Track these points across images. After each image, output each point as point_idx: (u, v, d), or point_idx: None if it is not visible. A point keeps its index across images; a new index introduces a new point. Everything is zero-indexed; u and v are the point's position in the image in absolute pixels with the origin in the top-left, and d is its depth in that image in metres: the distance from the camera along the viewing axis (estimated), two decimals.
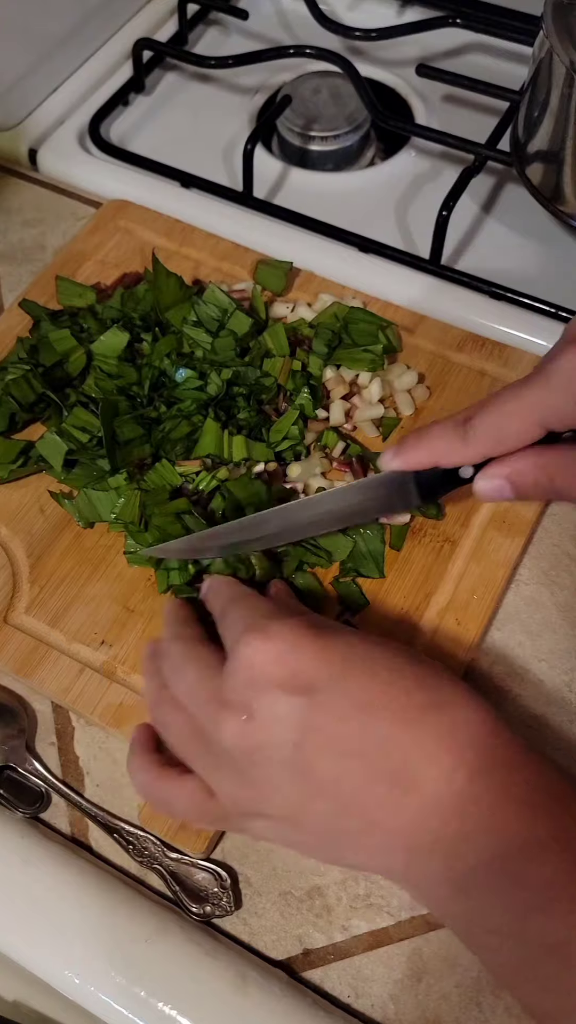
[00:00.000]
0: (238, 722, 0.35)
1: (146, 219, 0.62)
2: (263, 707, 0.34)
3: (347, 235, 0.62)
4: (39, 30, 0.68)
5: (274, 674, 0.34)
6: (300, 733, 0.34)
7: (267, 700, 0.34)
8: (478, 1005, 0.39)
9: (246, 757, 0.35)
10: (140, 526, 0.47)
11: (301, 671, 0.34)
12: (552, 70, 0.53)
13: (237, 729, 0.35)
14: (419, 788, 0.33)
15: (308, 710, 0.34)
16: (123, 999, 0.38)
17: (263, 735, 0.34)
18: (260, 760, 0.35)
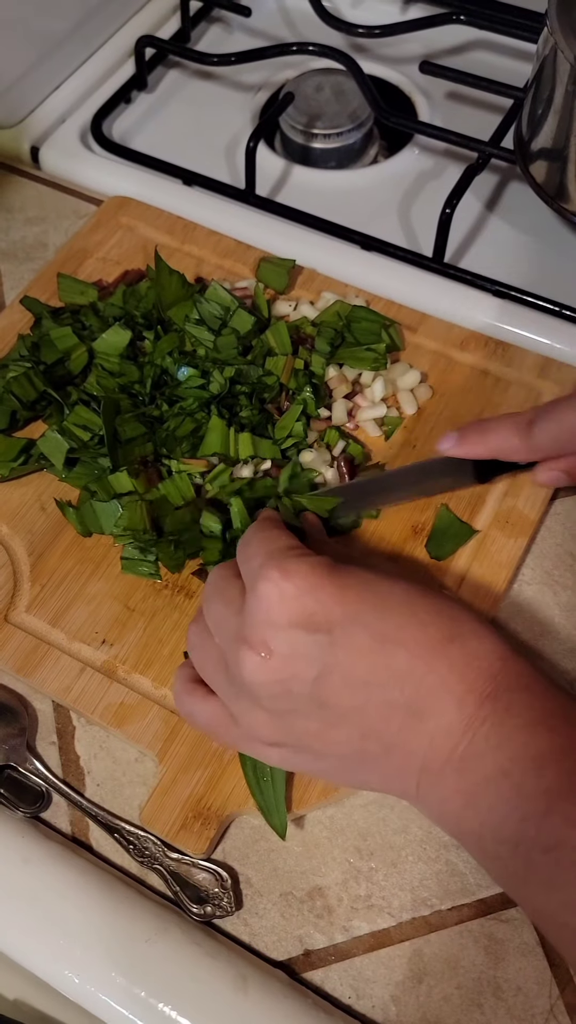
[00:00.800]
0: (258, 659, 0.36)
1: (148, 216, 0.62)
2: (282, 645, 0.36)
3: (350, 233, 0.62)
4: (41, 28, 0.67)
5: (293, 612, 0.36)
6: (319, 669, 0.35)
7: (286, 638, 0.36)
8: (479, 1007, 0.38)
9: (266, 691, 0.36)
10: (152, 534, 0.47)
11: (319, 610, 0.36)
12: (556, 67, 0.53)
13: (257, 665, 0.36)
14: (433, 714, 0.35)
15: (327, 647, 0.35)
16: (123, 999, 0.38)
17: (283, 672, 0.36)
18: (280, 694, 0.36)
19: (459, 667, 0.35)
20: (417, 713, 0.35)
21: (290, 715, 0.36)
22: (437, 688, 0.35)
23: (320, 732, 0.36)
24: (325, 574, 0.36)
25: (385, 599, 0.37)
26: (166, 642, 0.46)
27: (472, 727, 0.34)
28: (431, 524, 0.49)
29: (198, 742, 0.43)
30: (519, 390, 0.54)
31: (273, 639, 0.36)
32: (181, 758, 0.43)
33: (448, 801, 0.35)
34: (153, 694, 0.45)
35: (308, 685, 0.36)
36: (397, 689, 0.35)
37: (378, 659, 0.35)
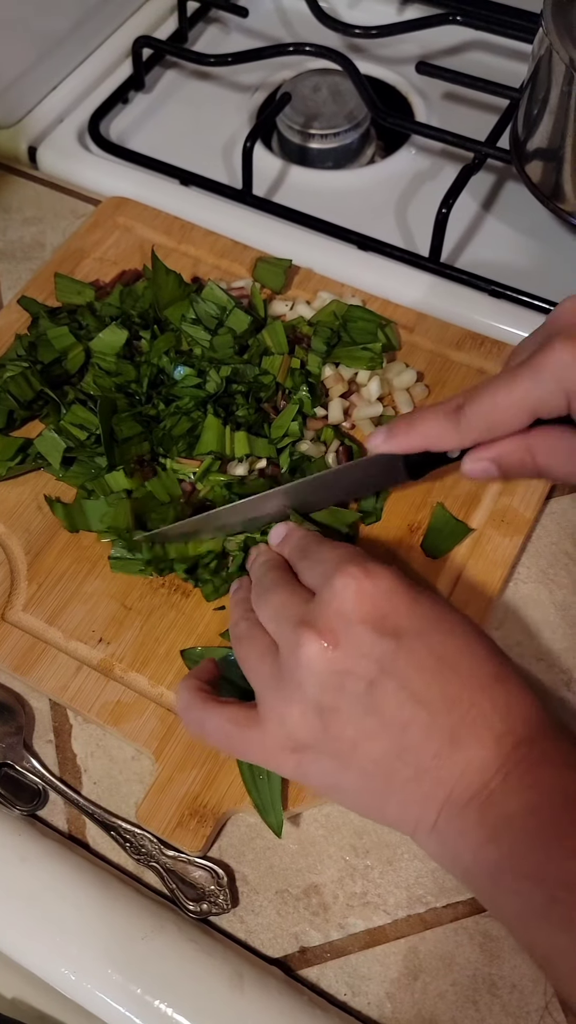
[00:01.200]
0: (320, 646, 0.36)
1: (145, 216, 0.62)
2: (349, 638, 0.36)
3: (347, 233, 0.62)
4: (39, 28, 0.68)
5: (367, 610, 0.36)
6: (378, 672, 0.36)
7: (355, 633, 0.36)
8: (474, 1003, 0.39)
9: (318, 681, 0.36)
10: (136, 532, 0.47)
11: (393, 613, 0.36)
12: (552, 67, 0.53)
13: (318, 652, 0.36)
14: (470, 747, 0.35)
15: (392, 653, 0.36)
16: (119, 996, 0.38)
17: (342, 664, 0.36)
18: (331, 686, 0.36)
19: (502, 708, 0.35)
20: (456, 742, 0.35)
21: (331, 713, 0.36)
22: (479, 723, 0.35)
23: (356, 740, 0.36)
24: (402, 582, 0.37)
25: (451, 623, 0.37)
26: (163, 640, 0.46)
27: (506, 767, 0.34)
28: (427, 523, 0.49)
29: (194, 741, 0.43)
30: None
31: (342, 630, 0.36)
32: (177, 756, 0.43)
33: (468, 834, 0.34)
34: (150, 692, 0.45)
35: (362, 685, 0.36)
36: (443, 714, 0.35)
37: (434, 679, 0.35)
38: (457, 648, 0.36)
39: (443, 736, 0.35)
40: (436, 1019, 0.38)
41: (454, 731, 0.35)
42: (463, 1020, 0.38)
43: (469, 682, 0.36)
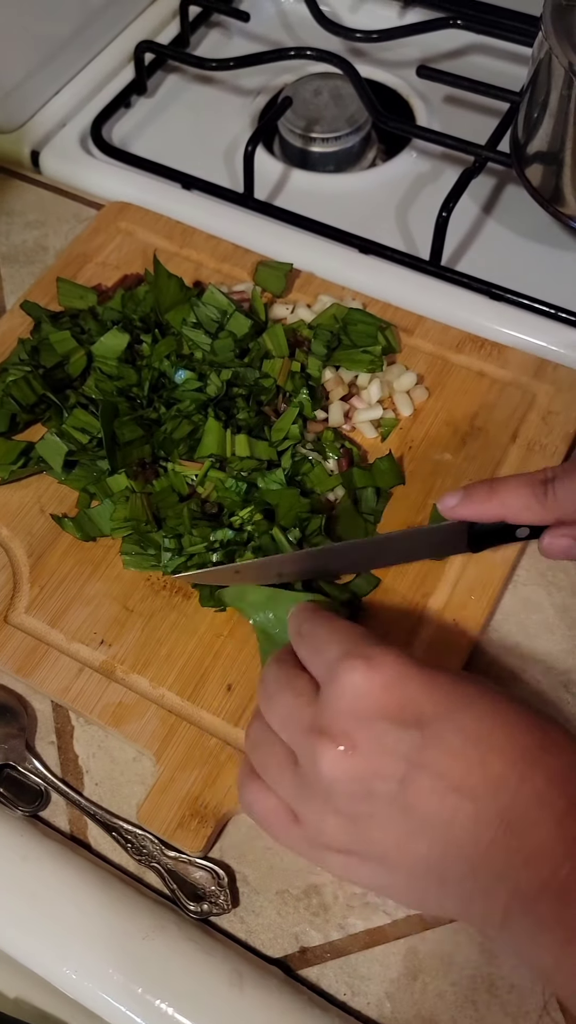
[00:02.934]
0: (338, 753, 0.33)
1: (147, 221, 0.62)
2: (369, 738, 0.33)
3: (348, 236, 0.62)
4: (41, 33, 0.68)
5: (382, 704, 0.33)
6: (408, 768, 0.32)
7: (373, 731, 0.33)
8: (473, 1003, 0.39)
9: (344, 790, 0.33)
10: (153, 524, 0.48)
11: (410, 702, 0.33)
12: (551, 71, 0.53)
13: (337, 760, 0.33)
14: (529, 832, 0.31)
15: (418, 744, 0.32)
16: (120, 996, 0.39)
17: (367, 767, 0.33)
18: (360, 793, 0.33)
19: (558, 780, 0.32)
20: (511, 828, 0.31)
21: (366, 820, 0.33)
22: (534, 801, 0.31)
23: (399, 842, 0.33)
24: (411, 664, 0.34)
25: (473, 698, 0.34)
26: (164, 642, 0.46)
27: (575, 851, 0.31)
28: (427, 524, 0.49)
29: (195, 741, 0.43)
30: (515, 392, 0.54)
31: (357, 731, 0.33)
32: (178, 757, 0.43)
33: (544, 933, 0.31)
34: (151, 694, 0.45)
35: (393, 785, 0.33)
36: (490, 799, 0.32)
37: (472, 764, 0.32)
38: (491, 723, 0.33)
39: (495, 824, 0.31)
40: (435, 1019, 0.39)
41: (506, 816, 0.31)
42: (462, 1020, 0.38)
43: (513, 757, 0.32)
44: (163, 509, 0.48)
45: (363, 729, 0.33)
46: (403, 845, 0.33)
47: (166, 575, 0.48)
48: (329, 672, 0.34)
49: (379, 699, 0.33)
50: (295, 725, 0.35)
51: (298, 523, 0.47)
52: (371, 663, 0.33)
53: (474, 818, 0.32)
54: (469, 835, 0.32)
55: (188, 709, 0.45)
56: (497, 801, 0.32)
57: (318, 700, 0.34)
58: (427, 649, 0.45)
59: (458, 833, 0.32)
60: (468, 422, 0.53)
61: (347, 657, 0.34)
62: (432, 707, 0.33)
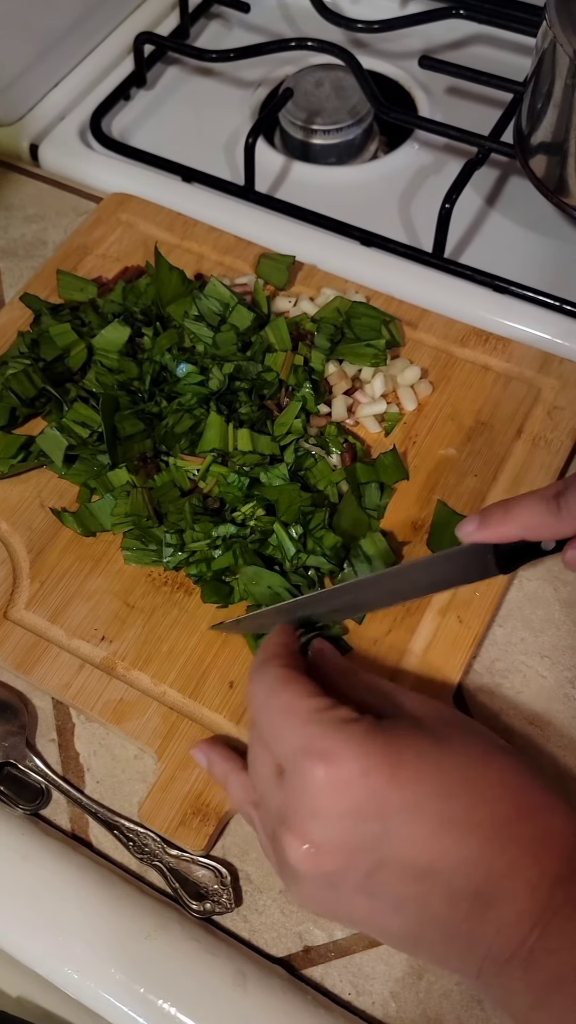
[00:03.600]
0: (302, 851, 0.33)
1: (148, 212, 0.62)
2: (331, 838, 0.32)
3: (350, 229, 0.61)
4: (40, 25, 0.67)
5: (342, 804, 0.32)
6: (374, 860, 0.32)
7: (334, 831, 0.32)
8: (479, 1003, 0.38)
9: (314, 883, 0.33)
10: (154, 521, 0.47)
11: (372, 796, 0.32)
12: (556, 61, 0.53)
13: (302, 857, 0.33)
14: (503, 902, 0.31)
15: (382, 838, 0.32)
16: (123, 996, 0.38)
17: (330, 865, 0.33)
18: (328, 885, 0.33)
19: (532, 848, 0.32)
20: (485, 901, 0.31)
21: (338, 902, 0.34)
22: (508, 873, 0.31)
23: (371, 918, 0.33)
24: (376, 752, 0.32)
25: (446, 775, 0.33)
26: (165, 639, 0.46)
27: (544, 918, 0.31)
28: (431, 520, 0.49)
29: (197, 739, 0.43)
30: (520, 386, 0.53)
31: (320, 832, 0.32)
32: (180, 755, 0.43)
33: (516, 995, 0.31)
34: (152, 691, 0.45)
35: (359, 877, 0.33)
36: (464, 877, 0.32)
37: (444, 847, 0.32)
38: (465, 803, 0.32)
39: (469, 898, 0.32)
40: (441, 1018, 0.38)
41: (480, 890, 0.31)
42: (468, 1019, 0.38)
43: (489, 833, 0.32)
44: (164, 504, 0.48)
45: (325, 829, 0.32)
46: (374, 918, 0.33)
47: (167, 570, 0.48)
48: (289, 764, 0.34)
49: (341, 799, 0.32)
50: (267, 806, 0.35)
51: (301, 518, 0.47)
52: (330, 761, 0.32)
53: (447, 896, 0.32)
54: (444, 910, 0.32)
55: (190, 706, 0.44)
56: (471, 878, 0.32)
57: (282, 786, 0.34)
58: (431, 647, 0.45)
59: (432, 908, 0.32)
60: (472, 417, 0.52)
61: (305, 755, 0.33)
62: (398, 797, 0.32)
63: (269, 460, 0.49)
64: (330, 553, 0.46)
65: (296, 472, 0.49)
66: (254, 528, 0.47)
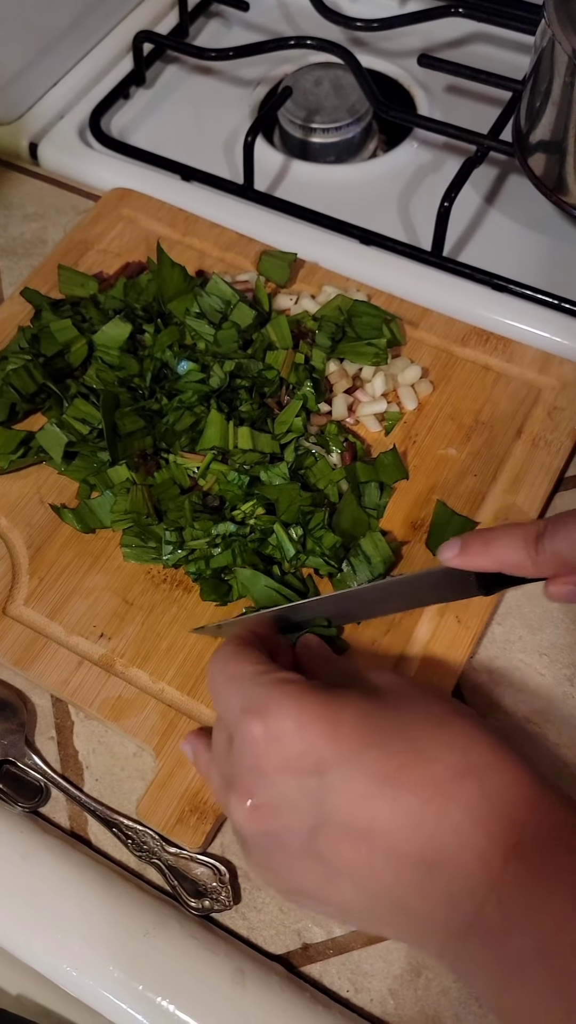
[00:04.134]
0: (244, 809, 0.33)
1: (149, 208, 0.62)
2: (272, 794, 0.32)
3: (349, 227, 0.61)
4: (40, 24, 0.67)
5: (281, 756, 0.32)
6: (315, 817, 0.32)
7: (273, 786, 0.32)
8: (477, 1000, 0.38)
9: (259, 844, 0.33)
10: (154, 518, 0.47)
11: (310, 750, 0.32)
12: (554, 59, 0.53)
13: (245, 815, 0.33)
14: (450, 870, 0.30)
15: (320, 792, 0.32)
16: (121, 993, 0.38)
17: (272, 823, 0.33)
18: (273, 847, 0.33)
19: (476, 810, 0.30)
20: (432, 867, 0.30)
21: (286, 869, 0.33)
22: (452, 838, 0.30)
23: (321, 887, 0.33)
24: (314, 707, 0.32)
25: (385, 732, 0.32)
26: (164, 636, 0.46)
27: (499, 889, 0.30)
28: (430, 519, 0.49)
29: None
30: (520, 386, 0.53)
31: (258, 787, 0.33)
32: (178, 752, 0.43)
33: (479, 975, 0.30)
34: (151, 688, 0.45)
35: (303, 837, 0.32)
36: (406, 840, 0.31)
37: (380, 804, 0.31)
38: (401, 759, 0.31)
39: (415, 865, 0.30)
40: (439, 1016, 0.38)
41: (426, 856, 0.30)
42: (466, 1016, 0.38)
43: (426, 792, 0.31)
44: (164, 501, 0.48)
45: (265, 785, 0.33)
46: (328, 887, 0.33)
47: (166, 568, 0.48)
48: (233, 729, 0.34)
49: (277, 752, 0.32)
50: (215, 777, 0.36)
51: (301, 518, 0.47)
52: (266, 716, 0.33)
53: (393, 861, 0.31)
54: (390, 877, 0.31)
55: (188, 704, 0.44)
56: (414, 842, 0.31)
57: (229, 752, 0.34)
58: (430, 647, 0.45)
59: (379, 877, 0.31)
60: (473, 417, 0.52)
61: (245, 713, 0.33)
62: (334, 751, 0.32)
63: (269, 458, 0.49)
64: (329, 553, 0.46)
65: (296, 470, 0.49)
66: (253, 527, 0.47)
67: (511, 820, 0.30)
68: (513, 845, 0.30)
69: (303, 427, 0.50)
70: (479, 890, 0.30)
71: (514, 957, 0.29)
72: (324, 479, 0.49)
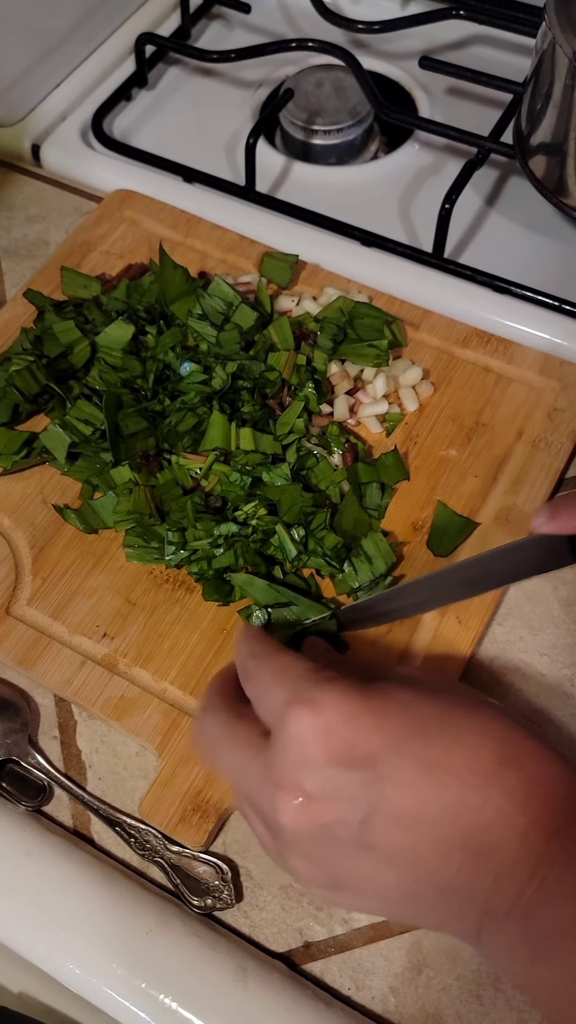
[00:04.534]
0: (295, 805, 0.33)
1: (152, 209, 0.62)
2: (321, 787, 0.32)
3: (350, 229, 0.62)
4: (42, 26, 0.68)
5: (331, 749, 0.32)
6: (364, 809, 0.32)
7: (324, 779, 0.32)
8: (478, 998, 0.39)
9: (308, 839, 0.33)
10: (156, 519, 0.48)
11: (360, 741, 0.32)
12: (555, 62, 0.53)
13: (295, 813, 0.33)
14: (493, 852, 0.31)
15: (370, 784, 0.32)
16: (124, 991, 0.38)
17: (324, 816, 0.33)
18: (323, 839, 0.33)
19: (519, 796, 0.31)
20: (476, 852, 0.31)
21: (334, 861, 0.33)
22: (496, 822, 0.31)
23: (368, 875, 0.33)
24: (359, 700, 0.33)
25: (427, 722, 0.33)
26: (167, 636, 0.46)
27: (541, 869, 0.31)
28: (431, 520, 0.49)
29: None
30: (521, 388, 0.54)
31: (310, 781, 0.32)
32: (180, 751, 0.43)
33: (515, 951, 0.31)
34: (153, 687, 0.45)
35: (354, 828, 0.32)
36: (451, 825, 0.31)
37: (427, 792, 0.32)
38: (446, 746, 0.32)
39: (459, 848, 0.31)
40: (440, 1013, 0.38)
41: (471, 840, 0.31)
42: (467, 1014, 0.38)
43: (470, 779, 0.32)
44: (166, 502, 0.48)
45: (315, 778, 0.33)
46: (373, 877, 0.33)
47: (168, 568, 0.48)
48: (276, 720, 0.34)
49: (327, 745, 0.32)
50: (247, 780, 0.35)
51: (302, 519, 0.47)
52: (316, 708, 0.33)
53: (438, 845, 0.32)
54: (436, 862, 0.32)
55: (190, 703, 0.44)
56: (459, 826, 0.31)
57: (268, 748, 0.34)
58: (430, 648, 0.45)
59: (425, 862, 0.32)
60: (474, 418, 0.53)
61: (292, 704, 0.33)
62: (382, 742, 0.32)
63: (271, 459, 0.49)
64: (331, 554, 0.46)
65: (298, 471, 0.49)
66: (256, 527, 0.47)
67: (552, 805, 0.31)
68: (556, 828, 0.31)
69: (305, 428, 0.50)
70: (522, 872, 0.31)
71: (551, 928, 0.30)
72: (326, 480, 0.49)
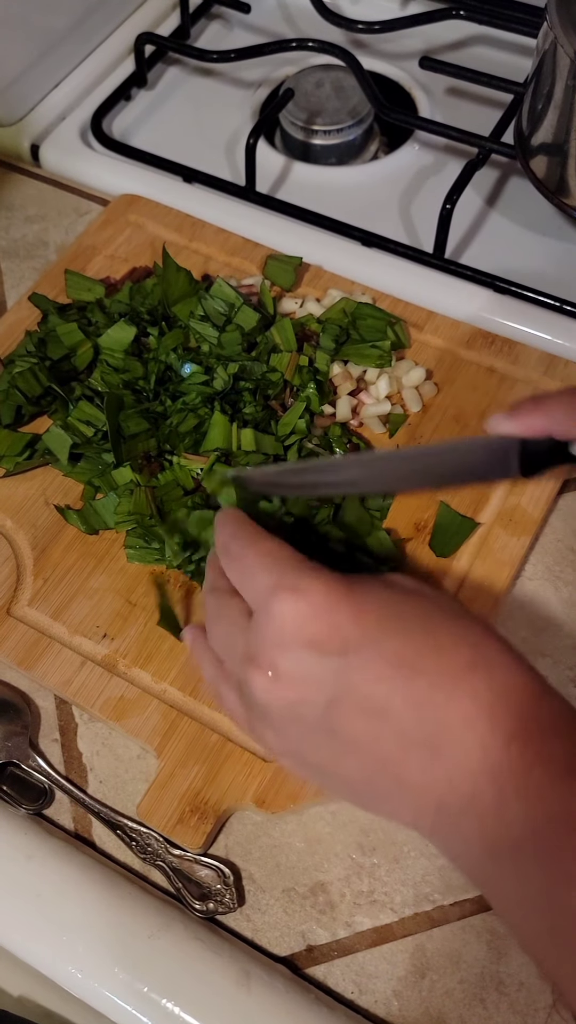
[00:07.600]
0: (266, 679, 0.34)
1: (156, 213, 0.62)
2: (294, 666, 0.34)
3: (350, 229, 0.62)
4: (41, 25, 0.67)
5: (308, 633, 0.33)
6: (332, 693, 0.33)
7: (296, 660, 0.34)
8: (482, 1002, 0.38)
9: (277, 714, 0.35)
10: (157, 519, 0.47)
11: (336, 629, 0.33)
12: (556, 62, 0.53)
13: (265, 685, 0.34)
14: (452, 752, 0.32)
15: (341, 671, 0.33)
16: (126, 995, 0.38)
17: (293, 693, 0.34)
18: (290, 716, 0.34)
19: (484, 700, 0.32)
20: (436, 749, 0.32)
21: (299, 738, 0.35)
22: (458, 723, 0.32)
23: (331, 759, 0.34)
24: (342, 592, 0.34)
25: (405, 621, 0.34)
26: (166, 637, 0.46)
27: (497, 774, 0.31)
28: (433, 521, 0.49)
29: (196, 737, 0.43)
30: (525, 388, 0.53)
31: (282, 660, 0.34)
32: (179, 752, 0.43)
33: (469, 846, 0.32)
34: (153, 688, 0.45)
35: (319, 710, 0.33)
36: (415, 720, 0.32)
37: (395, 686, 0.32)
38: (420, 645, 0.33)
39: (420, 745, 0.32)
40: (444, 1017, 0.38)
41: (431, 737, 0.32)
42: (471, 1018, 0.38)
43: (438, 679, 0.32)
44: (168, 503, 0.48)
45: (288, 658, 0.34)
46: (335, 761, 0.34)
47: (169, 569, 0.48)
48: (259, 602, 0.35)
49: (305, 628, 0.33)
50: (232, 653, 0.36)
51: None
52: (299, 594, 0.34)
53: (396, 738, 0.32)
54: (396, 752, 0.33)
55: (190, 704, 0.44)
56: (422, 723, 0.32)
57: (250, 627, 0.35)
58: None
59: (385, 751, 0.33)
60: (477, 419, 0.52)
61: (278, 589, 0.34)
62: (359, 633, 0.33)
63: (273, 460, 0.49)
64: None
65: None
66: None
67: (515, 711, 0.32)
68: (516, 735, 0.31)
69: (307, 429, 0.50)
70: (479, 775, 0.31)
71: (505, 832, 0.30)
72: None
